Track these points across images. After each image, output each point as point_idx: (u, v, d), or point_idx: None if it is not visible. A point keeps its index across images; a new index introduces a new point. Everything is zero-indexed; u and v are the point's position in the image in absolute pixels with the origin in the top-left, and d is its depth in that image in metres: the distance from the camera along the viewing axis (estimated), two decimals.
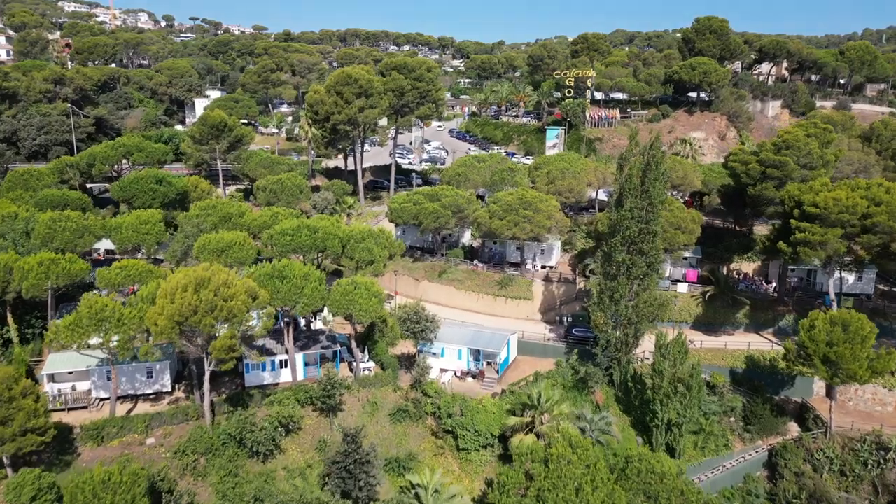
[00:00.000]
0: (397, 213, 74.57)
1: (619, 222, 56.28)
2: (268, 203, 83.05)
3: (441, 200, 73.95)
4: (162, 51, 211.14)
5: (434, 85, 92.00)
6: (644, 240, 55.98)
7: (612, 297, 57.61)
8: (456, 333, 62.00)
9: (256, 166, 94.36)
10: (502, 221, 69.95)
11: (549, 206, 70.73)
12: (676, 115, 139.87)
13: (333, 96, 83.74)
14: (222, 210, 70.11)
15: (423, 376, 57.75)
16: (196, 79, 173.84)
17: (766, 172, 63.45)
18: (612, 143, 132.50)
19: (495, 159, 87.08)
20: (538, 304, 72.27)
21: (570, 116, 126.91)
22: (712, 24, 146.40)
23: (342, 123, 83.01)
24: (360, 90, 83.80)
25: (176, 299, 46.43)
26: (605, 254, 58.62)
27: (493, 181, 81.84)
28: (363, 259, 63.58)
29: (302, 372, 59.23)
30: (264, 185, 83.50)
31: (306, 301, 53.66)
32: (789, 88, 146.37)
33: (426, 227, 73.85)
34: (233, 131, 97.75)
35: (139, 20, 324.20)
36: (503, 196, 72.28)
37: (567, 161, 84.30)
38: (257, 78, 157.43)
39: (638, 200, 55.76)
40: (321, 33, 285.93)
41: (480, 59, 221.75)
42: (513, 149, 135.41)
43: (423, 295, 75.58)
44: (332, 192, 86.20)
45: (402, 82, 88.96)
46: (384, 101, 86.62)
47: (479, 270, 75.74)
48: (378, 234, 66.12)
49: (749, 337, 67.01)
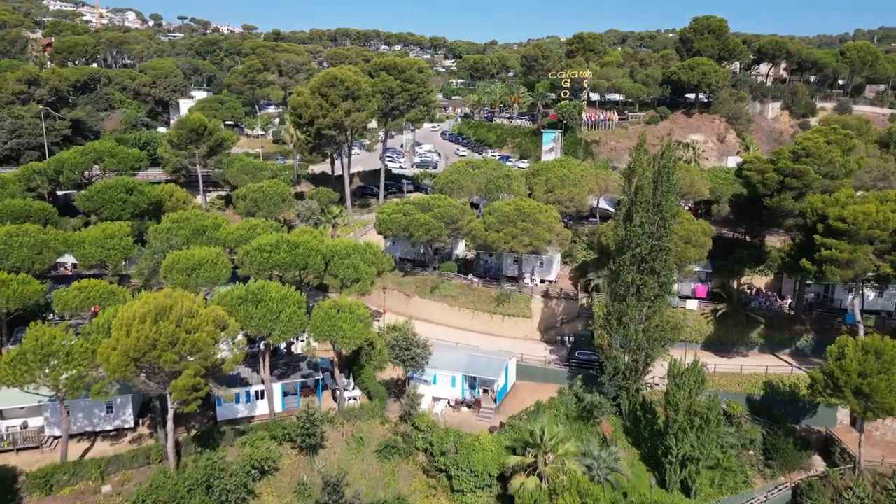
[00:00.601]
0: (386, 225, 68.70)
1: (629, 238, 50.64)
2: (248, 213, 77.01)
3: (433, 211, 68.15)
4: (147, 50, 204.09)
5: (425, 87, 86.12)
6: (656, 258, 50.37)
7: (619, 320, 51.99)
8: (450, 359, 56.21)
9: (237, 172, 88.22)
10: (499, 234, 64.26)
11: (548, 218, 65.07)
12: (675, 117, 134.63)
13: (318, 99, 77.69)
14: (196, 223, 63.99)
15: (414, 408, 51.93)
16: (181, 79, 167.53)
17: (784, 182, 57.96)
18: (609, 146, 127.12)
19: (490, 165, 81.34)
20: (537, 323, 66.61)
21: (567, 119, 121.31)
22: (711, 24, 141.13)
23: (327, 128, 76.99)
24: (346, 92, 77.79)
25: (132, 331, 40.42)
26: (612, 272, 52.98)
27: (489, 189, 76.09)
28: (348, 277, 57.73)
29: (280, 403, 53.32)
30: (244, 193, 77.40)
31: (283, 328, 47.72)
32: (789, 90, 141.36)
33: (417, 240, 68.08)
34: (213, 135, 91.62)
35: (126, 19, 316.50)
36: (499, 206, 66.56)
37: (566, 167, 78.67)
38: (243, 78, 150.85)
39: (649, 215, 50.14)
40: (311, 33, 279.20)
41: (473, 60, 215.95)
42: (507, 152, 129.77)
43: (414, 312, 69.81)
44: (317, 201, 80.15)
45: (392, 84, 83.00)
46: (372, 103, 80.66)
47: (473, 286, 69.99)
48: (364, 249, 60.24)
49: (764, 358, 61.59)
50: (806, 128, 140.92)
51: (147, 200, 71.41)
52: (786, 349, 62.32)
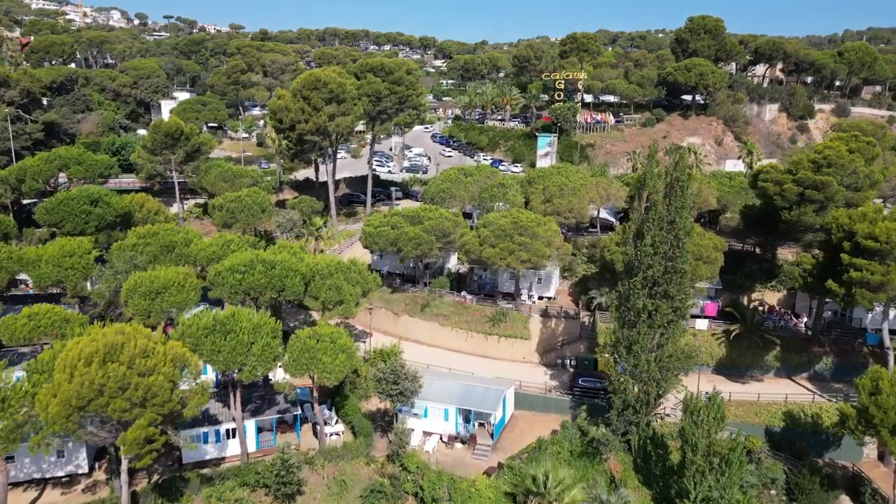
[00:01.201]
0: (373, 239, 62.97)
1: (640, 259, 45.22)
2: (224, 224, 71.11)
3: (423, 224, 62.49)
4: (129, 50, 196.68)
5: (414, 89, 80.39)
6: (670, 280, 45.02)
7: (629, 349, 46.60)
8: (442, 389, 50.58)
9: (215, 180, 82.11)
10: (494, 249, 58.71)
11: (547, 231, 59.60)
12: (671, 120, 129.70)
13: (300, 102, 71.77)
14: (164, 238, 58.02)
15: (403, 446, 46.34)
16: (164, 79, 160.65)
17: (804, 195, 52.79)
18: (604, 149, 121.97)
19: (484, 173, 75.76)
20: (536, 344, 61.16)
21: (561, 121, 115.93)
22: (707, 24, 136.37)
23: (310, 133, 71.10)
24: (330, 95, 71.93)
25: (76, 375, 34.56)
26: (620, 296, 47.54)
27: (482, 199, 70.53)
28: (330, 300, 52.04)
29: (254, 442, 47.57)
30: (221, 203, 71.38)
31: (255, 362, 41.93)
32: (786, 91, 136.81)
33: (406, 256, 62.46)
34: (190, 140, 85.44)
35: (111, 18, 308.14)
36: (495, 219, 61.02)
37: (564, 175, 73.22)
38: (226, 79, 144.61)
39: (662, 233, 44.77)
40: (299, 32, 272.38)
41: (463, 60, 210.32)
42: (499, 155, 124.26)
43: (403, 332, 64.17)
44: (299, 211, 74.27)
45: (379, 86, 77.20)
46: (358, 107, 74.87)
47: (467, 303, 64.42)
48: (348, 268, 54.53)
49: (781, 383, 56.47)
50: (804, 130, 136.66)
51: (114, 212, 65.29)
52: (803, 373, 57.22)
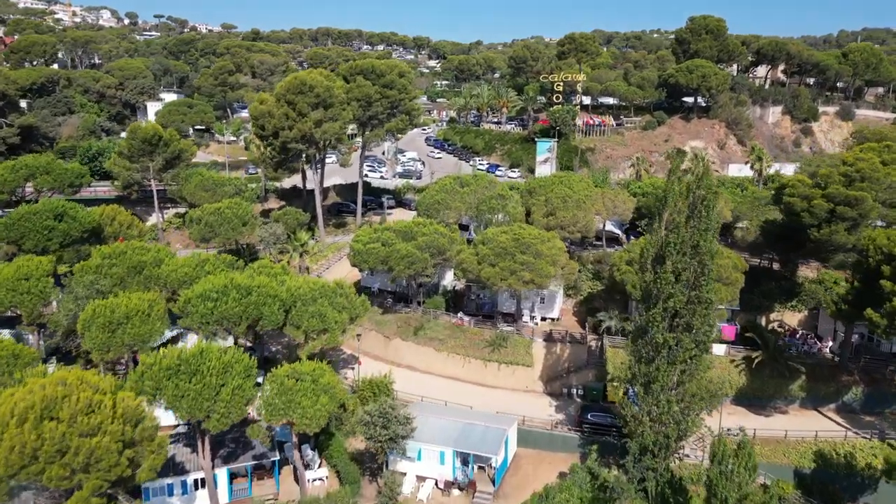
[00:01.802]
0: (362, 257, 57.33)
1: (660, 288, 39.77)
2: (203, 239, 65.36)
3: (416, 240, 56.92)
4: (116, 50, 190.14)
5: (407, 93, 74.67)
6: (694, 312, 39.59)
7: (647, 387, 41.19)
8: (437, 428, 45.02)
9: (195, 189, 76.25)
10: (494, 269, 53.22)
11: (552, 249, 54.12)
12: (672, 123, 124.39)
13: (284, 107, 65.97)
14: (132, 258, 52.22)
15: (394, 497, 40.85)
16: (150, 80, 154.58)
17: (835, 211, 47.47)
18: (604, 153, 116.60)
19: (481, 183, 70.15)
20: (540, 371, 55.69)
21: (560, 124, 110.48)
22: (708, 24, 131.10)
23: (294, 141, 65.32)
24: (316, 100, 66.16)
25: (6, 438, 28.93)
26: (637, 329, 42.09)
27: (480, 211, 64.96)
28: (313, 328, 46.42)
29: (227, 492, 41.96)
30: (199, 216, 65.56)
31: (224, 409, 36.28)
32: (790, 93, 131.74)
33: (398, 275, 56.88)
34: (169, 146, 79.66)
35: (101, 17, 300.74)
36: (494, 235, 55.49)
37: (567, 185, 67.68)
38: (214, 80, 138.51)
39: (685, 258, 39.32)
40: (292, 32, 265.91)
41: (458, 60, 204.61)
42: (496, 160, 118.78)
43: (394, 356, 58.66)
44: (283, 224, 68.49)
45: (369, 90, 71.44)
46: (347, 112, 69.11)
47: (464, 326, 58.89)
48: (334, 291, 48.87)
49: (807, 416, 51.19)
50: (808, 133, 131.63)
51: (80, 228, 59.38)
52: (831, 404, 51.97)
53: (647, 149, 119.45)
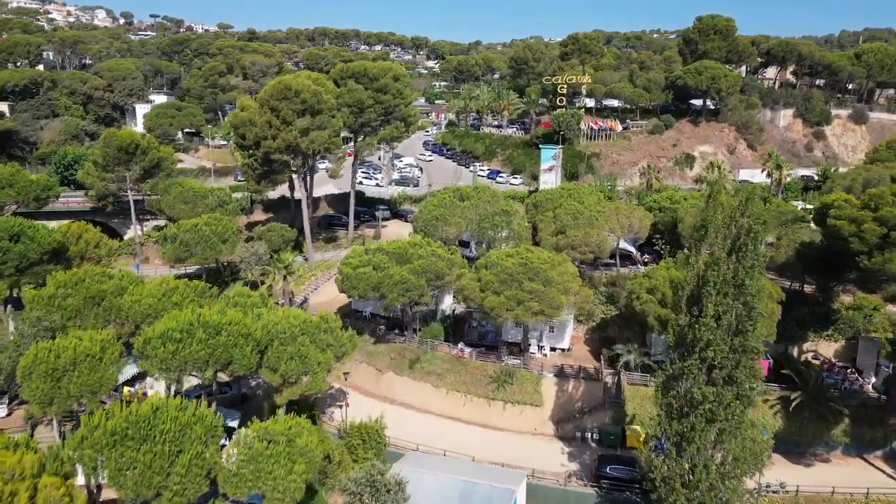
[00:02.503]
0: (351, 283, 50.73)
1: (697, 334, 33.23)
2: (177, 259, 58.79)
3: (412, 263, 50.37)
4: (107, 50, 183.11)
5: (403, 98, 67.98)
6: (737, 363, 33.11)
7: (679, 447, 34.73)
8: (434, 489, 38.49)
9: (175, 201, 69.62)
10: (499, 298, 46.72)
11: (564, 276, 47.60)
12: (680, 126, 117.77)
13: (266, 115, 59.28)
14: (91, 287, 45.57)
15: None
16: (140, 81, 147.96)
17: (889, 237, 40.97)
18: (610, 159, 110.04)
19: (483, 196, 63.55)
20: (550, 411, 49.13)
21: (564, 129, 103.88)
22: (717, 24, 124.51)
23: (278, 151, 58.67)
24: (303, 106, 59.49)
25: None
26: (668, 379, 35.54)
27: (482, 228, 58.37)
28: (292, 372, 39.93)
29: None
30: (174, 233, 58.98)
31: (178, 486, 29.80)
32: (801, 96, 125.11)
33: (392, 303, 50.34)
34: (147, 155, 73.01)
35: (96, 17, 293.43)
36: (498, 258, 48.96)
37: (577, 198, 61.21)
38: (204, 82, 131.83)
39: (727, 300, 32.80)
40: (288, 32, 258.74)
41: (457, 61, 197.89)
42: (496, 165, 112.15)
43: (388, 392, 52.14)
44: (267, 242, 61.90)
45: (361, 95, 64.80)
46: (337, 119, 62.42)
47: (465, 358, 52.34)
48: (317, 327, 42.32)
49: (852, 465, 44.73)
50: (820, 137, 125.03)
51: (40, 249, 52.71)
52: (878, 450, 45.48)
53: (655, 154, 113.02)
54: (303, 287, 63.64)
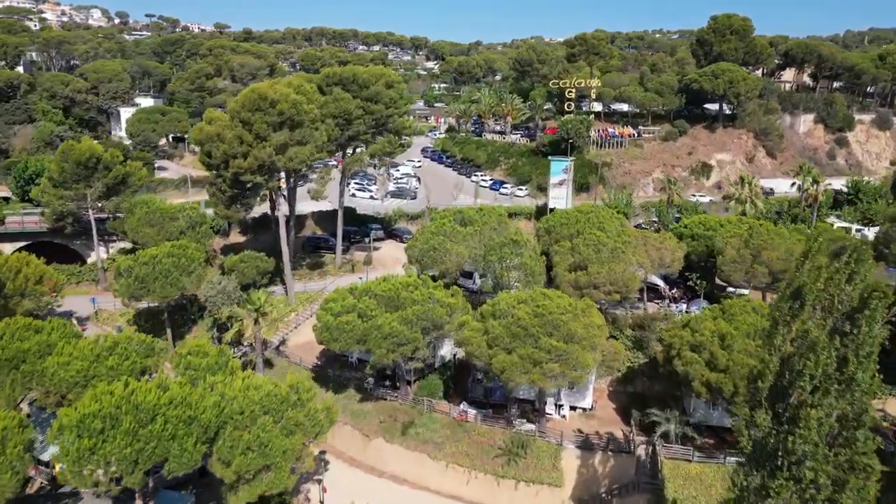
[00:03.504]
0: (332, 334, 41.32)
1: (787, 447, 23.93)
2: (132, 297, 49.41)
3: (405, 310, 41.03)
4: (95, 50, 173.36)
5: (397, 108, 58.44)
6: (842, 485, 23.83)
7: None
8: None
9: (139, 224, 60.22)
10: (511, 357, 37.44)
11: (589, 329, 38.25)
12: (695, 133, 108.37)
13: (237, 129, 49.76)
14: (9, 347, 36.18)
15: None
16: (127, 83, 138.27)
17: None
18: (622, 168, 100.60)
19: (489, 221, 54.11)
20: (571, 491, 39.85)
21: (573, 136, 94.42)
22: (733, 24, 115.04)
23: (249, 172, 49.22)
24: (280, 118, 49.99)
25: None
26: (742, 496, 26.23)
27: (489, 262, 48.95)
28: (249, 467, 30.60)
29: None
30: (128, 266, 49.50)
31: None
32: (823, 100, 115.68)
33: (380, 360, 40.97)
34: (111, 170, 63.61)
35: (91, 17, 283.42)
36: (508, 305, 39.62)
37: (597, 224, 51.86)
38: (190, 84, 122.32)
39: (830, 400, 23.48)
40: (286, 32, 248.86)
41: (457, 62, 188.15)
42: (500, 175, 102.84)
43: (376, 460, 42.87)
44: (240, 274, 52.53)
45: (349, 104, 55.33)
46: (320, 133, 52.90)
47: (468, 421, 43.04)
48: (284, 401, 32.99)
49: None
50: (843, 144, 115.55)
51: None
52: None
53: (669, 163, 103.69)
54: (281, 325, 54.32)
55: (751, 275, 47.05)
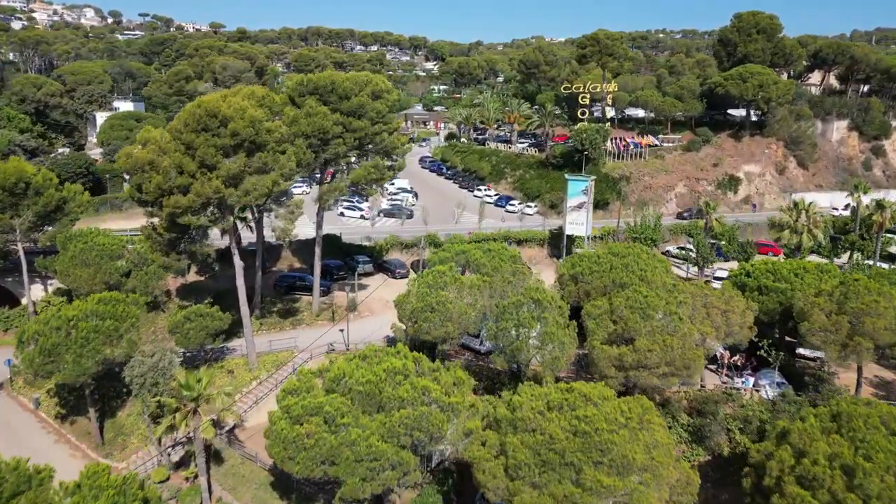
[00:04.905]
0: (287, 451, 28.66)
1: None
2: (38, 374, 36.92)
3: (390, 414, 28.59)
4: (76, 51, 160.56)
5: (385, 123, 45.65)
6: None
7: None
8: None
9: (71, 265, 47.77)
10: (536, 494, 25.15)
11: (652, 452, 25.92)
12: (720, 142, 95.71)
13: (177, 154, 37.24)
14: None
15: None
16: (108, 85, 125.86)
17: None
18: (642, 183, 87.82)
19: (500, 267, 41.55)
20: None
21: (588, 147, 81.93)
22: (759, 22, 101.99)
23: (188, 212, 36.68)
24: (233, 141, 37.45)
25: None
26: None
27: (502, 329, 36.41)
28: None
29: None
30: (34, 332, 36.93)
31: None
32: (857, 105, 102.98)
33: (351, 493, 28.43)
34: (42, 195, 51.22)
35: (84, 16, 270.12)
36: (533, 411, 27.25)
37: (640, 274, 39.40)
38: (168, 88, 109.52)
39: None
40: (281, 32, 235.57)
41: (457, 63, 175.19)
42: (505, 189, 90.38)
43: None
44: (184, 338, 40.01)
45: (325, 121, 42.63)
46: (288, 158, 40.28)
47: None
48: None
49: None
50: (879, 153, 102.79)
51: None
52: None
53: (693, 175, 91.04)
54: (240, 397, 41.85)
55: (849, 349, 34.64)
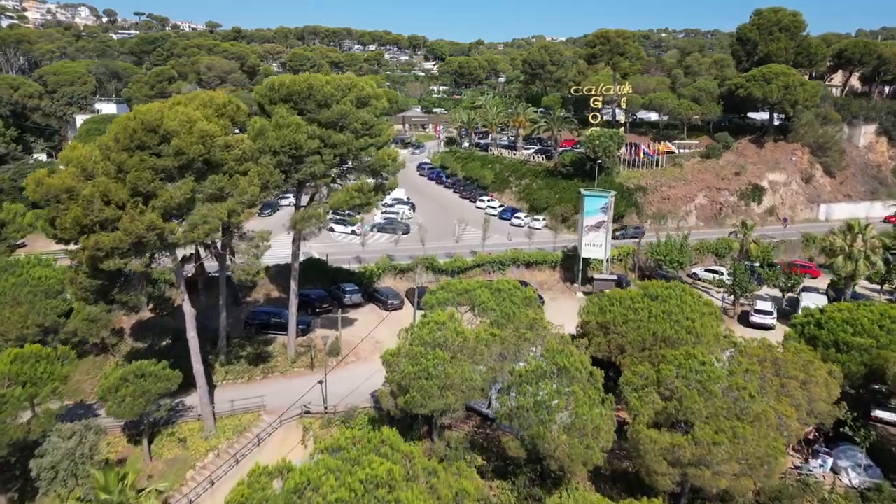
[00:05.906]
0: None
1: None
2: None
3: None
4: (66, 50, 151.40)
5: (373, 136, 36.62)
6: None
7: None
8: None
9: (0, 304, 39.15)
10: None
11: None
12: (741, 148, 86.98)
13: (104, 179, 28.66)
14: None
15: None
16: (91, 86, 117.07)
17: None
18: (659, 193, 79.15)
19: (513, 313, 33.02)
20: None
21: (602, 155, 73.29)
22: (781, 19, 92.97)
23: (113, 254, 28.02)
24: (179, 160, 28.85)
25: None
26: None
27: (521, 407, 27.76)
28: None
29: None
30: None
31: None
32: (885, 108, 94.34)
33: None
34: None
35: (79, 15, 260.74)
36: None
37: (687, 327, 30.78)
38: (149, 90, 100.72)
39: None
40: (277, 31, 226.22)
41: (458, 63, 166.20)
42: (510, 199, 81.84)
43: None
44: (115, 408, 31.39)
45: (297, 134, 33.79)
46: (249, 182, 31.60)
47: None
48: None
49: None
50: None
51: None
52: None
53: (713, 185, 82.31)
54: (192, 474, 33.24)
55: None
